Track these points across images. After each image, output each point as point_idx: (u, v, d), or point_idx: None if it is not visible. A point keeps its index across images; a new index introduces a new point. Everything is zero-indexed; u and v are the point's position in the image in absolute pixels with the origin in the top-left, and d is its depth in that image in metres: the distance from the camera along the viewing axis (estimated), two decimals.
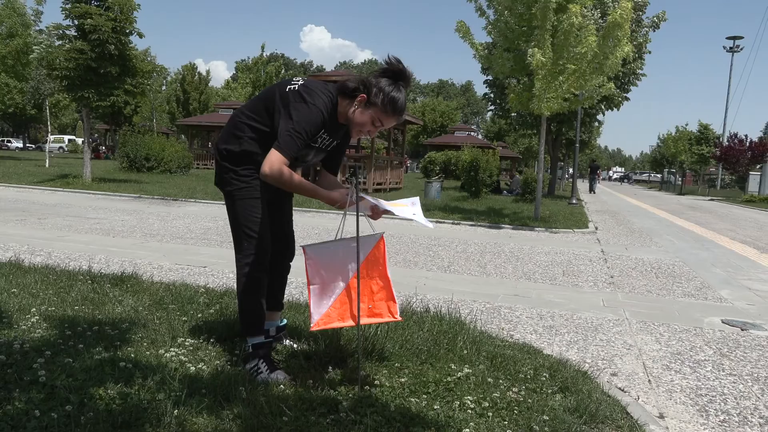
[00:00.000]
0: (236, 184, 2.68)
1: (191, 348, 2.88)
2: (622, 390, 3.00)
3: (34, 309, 3.31)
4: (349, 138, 2.85)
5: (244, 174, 2.66)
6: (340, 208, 2.57)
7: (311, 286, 2.52)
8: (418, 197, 2.84)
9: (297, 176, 2.50)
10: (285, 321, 3.16)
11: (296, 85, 2.60)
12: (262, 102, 2.67)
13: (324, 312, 2.51)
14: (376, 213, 2.72)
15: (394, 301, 2.63)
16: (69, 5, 14.10)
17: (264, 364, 2.66)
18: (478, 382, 2.64)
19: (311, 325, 2.52)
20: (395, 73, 2.57)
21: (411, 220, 2.66)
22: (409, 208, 2.70)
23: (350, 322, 2.55)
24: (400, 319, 2.71)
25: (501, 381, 2.70)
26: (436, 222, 10.97)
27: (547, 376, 2.81)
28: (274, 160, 2.45)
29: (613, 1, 18.99)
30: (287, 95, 2.56)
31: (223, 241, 7.21)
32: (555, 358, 3.18)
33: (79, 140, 50.97)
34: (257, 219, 2.68)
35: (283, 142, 2.47)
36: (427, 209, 12.65)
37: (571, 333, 4.07)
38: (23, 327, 3.01)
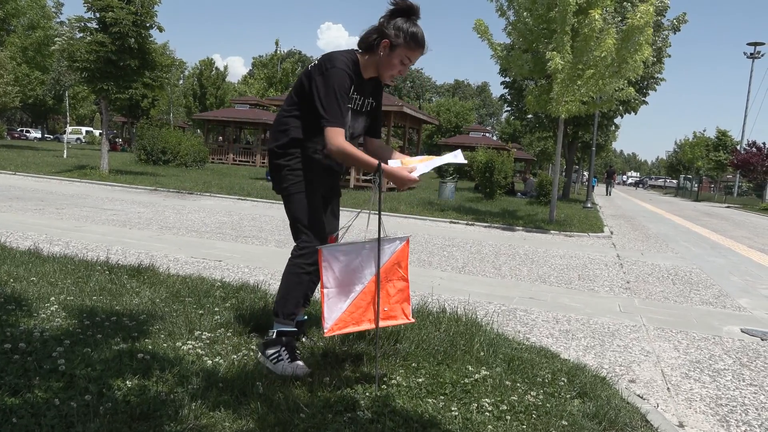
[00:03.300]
0: (291, 179, 2.73)
1: (208, 341, 2.89)
2: (641, 397, 2.96)
3: (53, 298, 3.34)
4: (381, 98, 2.91)
5: (297, 168, 2.72)
6: (401, 186, 2.58)
7: (325, 290, 2.42)
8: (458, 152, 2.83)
9: (354, 152, 2.55)
10: (306, 317, 3.16)
11: (315, 61, 2.70)
12: (293, 91, 2.76)
13: (338, 317, 2.44)
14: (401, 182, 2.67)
15: (408, 302, 2.63)
16: None
17: (286, 352, 2.66)
18: (495, 385, 2.61)
19: (324, 330, 2.43)
20: (405, 10, 2.62)
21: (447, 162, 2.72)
22: (438, 159, 2.77)
23: (365, 326, 2.52)
24: (413, 320, 2.71)
25: (519, 384, 2.67)
26: (450, 222, 10.94)
27: (566, 380, 2.78)
28: (331, 136, 2.51)
29: (633, 5, 18.87)
30: (310, 73, 2.66)
31: (237, 236, 7.23)
32: (573, 362, 3.14)
33: (97, 132, 51.49)
34: (312, 212, 2.74)
35: (328, 115, 2.53)
36: (441, 209, 12.61)
37: (588, 338, 4.03)
38: (42, 315, 3.03)
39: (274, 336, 2.70)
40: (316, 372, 2.61)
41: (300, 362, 2.65)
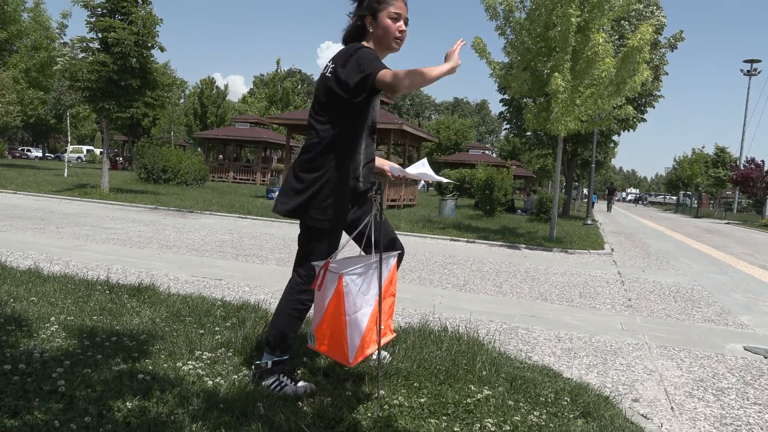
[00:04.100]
0: (318, 219, 2.58)
1: (208, 361, 2.87)
2: (645, 417, 2.94)
3: (53, 318, 3.32)
4: None
5: (327, 205, 2.57)
6: (452, 71, 2.37)
7: (347, 317, 2.27)
8: (425, 160, 2.84)
9: (405, 71, 2.35)
10: None
11: (329, 64, 2.65)
12: (315, 100, 2.69)
13: (359, 344, 2.32)
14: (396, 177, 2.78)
15: (392, 317, 2.63)
16: (94, 19, 14.37)
17: (285, 377, 2.62)
18: (498, 405, 2.59)
19: (350, 361, 2.31)
20: None
21: (425, 175, 2.65)
22: (420, 168, 2.70)
23: (374, 347, 2.47)
24: (394, 334, 2.71)
25: (522, 404, 2.65)
26: (450, 240, 10.93)
27: (569, 400, 2.76)
28: (381, 76, 2.36)
29: (631, 24, 19.06)
30: (335, 68, 2.58)
31: (238, 255, 7.22)
32: (575, 381, 3.12)
33: (98, 151, 51.67)
34: (330, 250, 2.65)
35: (367, 67, 2.41)
36: (442, 227, 12.61)
37: (590, 356, 4.01)
38: (42, 336, 3.01)
39: (269, 366, 2.63)
40: (317, 392, 2.59)
41: (304, 382, 2.63)
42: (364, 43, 2.65)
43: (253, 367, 2.74)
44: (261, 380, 2.62)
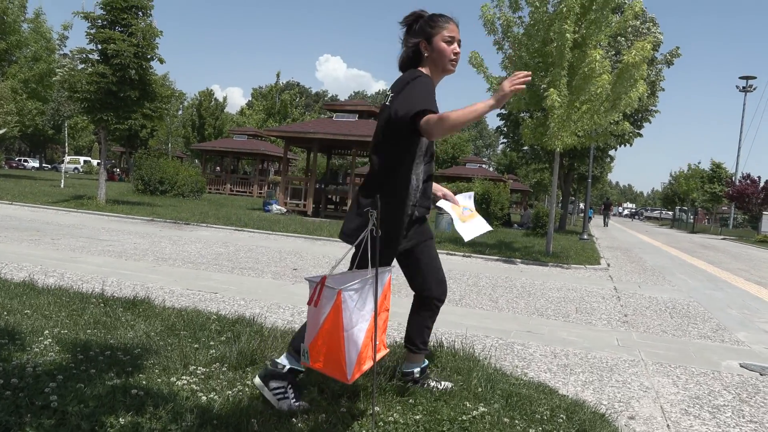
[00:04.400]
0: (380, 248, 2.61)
1: (203, 376, 2.86)
2: None
3: (47, 331, 3.31)
4: None
5: (386, 222, 2.62)
6: (504, 98, 2.45)
7: (345, 333, 2.25)
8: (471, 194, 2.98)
9: (449, 113, 2.36)
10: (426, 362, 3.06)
11: (388, 93, 2.72)
12: (377, 127, 2.73)
13: (357, 359, 2.29)
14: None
15: (385, 332, 2.63)
16: (94, 30, 14.43)
17: (292, 390, 2.60)
18: (493, 422, 2.58)
19: (349, 377, 2.28)
20: (415, 19, 2.76)
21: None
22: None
23: (370, 363, 2.44)
24: (388, 350, 2.72)
25: (517, 421, 2.64)
26: (447, 254, 10.92)
27: (564, 417, 2.75)
28: (426, 122, 2.39)
29: (627, 40, 19.22)
30: (394, 97, 2.63)
31: (234, 267, 7.21)
32: (571, 398, 3.11)
33: (95, 162, 51.66)
34: (431, 261, 2.82)
35: (418, 104, 2.44)
36: (438, 241, 12.61)
37: (586, 372, 4.00)
38: (36, 350, 3.00)
39: (284, 371, 2.61)
40: (312, 409, 2.58)
41: (303, 402, 2.61)
42: (422, 69, 2.70)
43: (270, 364, 2.72)
44: (270, 380, 2.60)
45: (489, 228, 3.00)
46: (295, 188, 20.48)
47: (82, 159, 54.42)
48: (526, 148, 23.53)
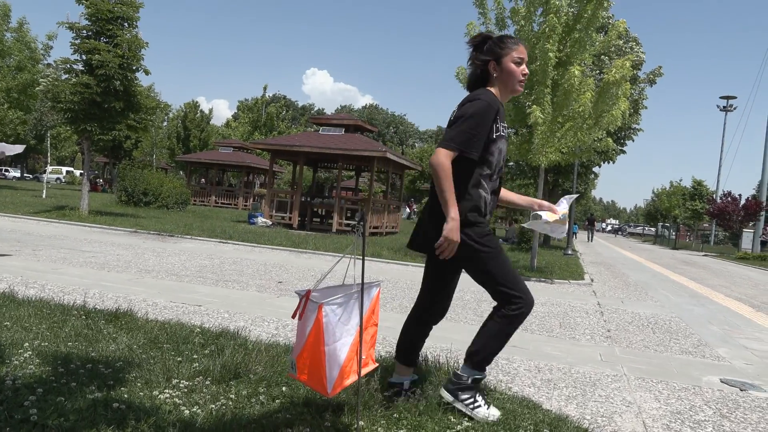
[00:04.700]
0: (485, 250, 2.81)
1: (186, 390, 2.83)
2: None
3: (27, 344, 3.26)
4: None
5: (486, 234, 2.83)
6: (450, 234, 2.65)
7: (326, 348, 2.25)
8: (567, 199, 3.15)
9: (445, 175, 2.64)
10: (416, 376, 3.19)
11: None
12: None
13: (337, 374, 2.30)
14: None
15: (374, 347, 2.64)
16: (79, 41, 14.36)
17: (480, 398, 2.79)
18: None
19: (328, 391, 2.29)
20: (482, 41, 2.87)
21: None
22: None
23: (354, 377, 2.44)
24: (377, 364, 2.72)
25: None
26: None
27: (548, 431, 2.76)
28: (437, 153, 2.66)
29: (611, 59, 19.54)
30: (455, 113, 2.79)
31: (218, 280, 7.16)
32: (555, 413, 3.13)
33: (77, 172, 51.17)
34: (513, 271, 2.88)
35: (447, 137, 2.69)
36: (424, 255, 12.61)
37: (570, 387, 4.02)
38: (15, 362, 2.95)
39: (469, 381, 2.79)
40: (296, 422, 2.56)
41: (494, 409, 2.81)
42: (490, 89, 2.81)
43: (452, 377, 2.88)
44: (459, 392, 2.78)
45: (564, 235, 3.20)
46: (281, 201, 20.44)
47: (64, 169, 53.85)
48: (511, 163, 23.73)
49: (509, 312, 2.81)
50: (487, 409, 2.80)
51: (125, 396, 2.65)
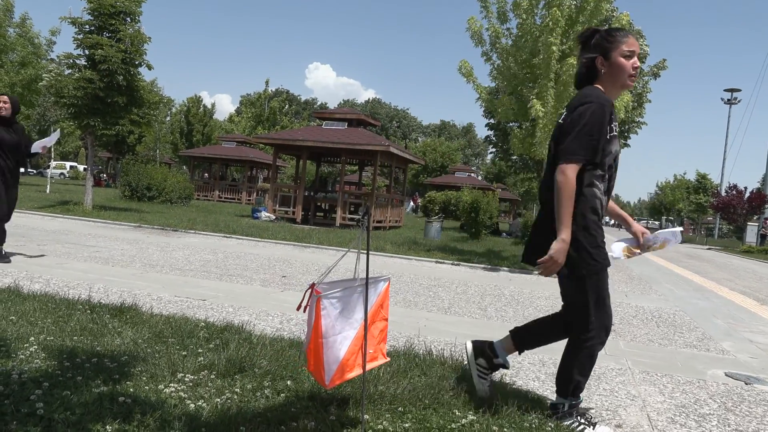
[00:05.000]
0: (591, 264, 2.70)
1: (191, 384, 2.84)
2: None
3: (33, 338, 3.27)
4: None
5: (598, 246, 2.71)
6: (545, 268, 2.70)
7: (323, 340, 2.27)
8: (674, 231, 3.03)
9: (567, 194, 2.56)
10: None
11: (563, 112, 2.75)
12: (551, 142, 2.83)
13: (337, 367, 2.32)
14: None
15: (385, 342, 2.63)
16: (81, 36, 14.36)
17: (583, 419, 2.81)
18: (482, 430, 2.59)
19: (326, 383, 2.31)
20: (590, 35, 2.76)
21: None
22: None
23: (358, 371, 2.45)
24: (388, 359, 2.71)
25: (506, 429, 2.65)
26: (436, 262, 10.95)
27: (553, 426, 2.76)
28: (560, 170, 2.57)
29: None
30: (566, 116, 2.70)
31: (222, 275, 7.17)
32: None
33: (81, 167, 51.27)
34: (606, 299, 2.76)
35: (570, 150, 2.58)
36: (427, 249, 12.63)
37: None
38: (21, 356, 2.96)
39: (566, 409, 2.82)
40: (301, 416, 2.57)
41: (602, 427, 2.84)
42: (598, 86, 2.70)
43: (549, 408, 2.94)
44: (560, 420, 2.81)
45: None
46: (284, 195, 20.45)
47: (68, 164, 53.97)
48: (515, 157, 23.70)
49: (581, 343, 2.80)
50: (593, 429, 2.79)
51: (131, 390, 2.66)
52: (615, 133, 2.66)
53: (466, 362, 2.84)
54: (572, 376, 2.81)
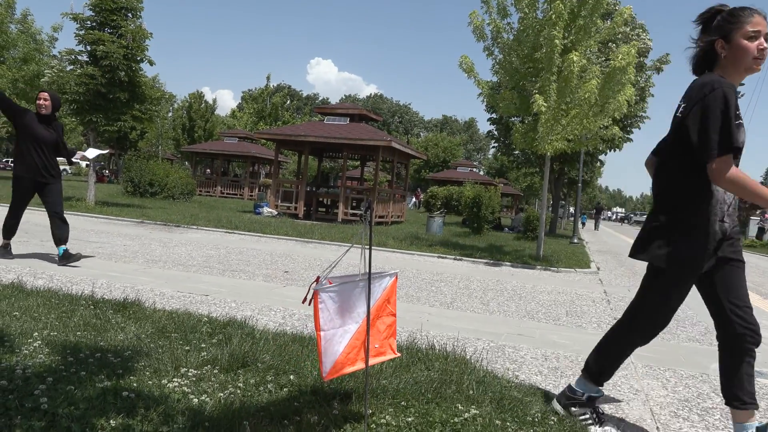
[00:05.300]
0: (677, 268, 2.61)
1: (194, 379, 2.84)
2: None
3: (36, 333, 3.28)
4: None
5: (688, 244, 2.56)
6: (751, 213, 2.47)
7: (321, 333, 2.29)
8: None
9: (745, 181, 2.34)
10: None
11: (681, 103, 2.52)
12: (669, 135, 2.63)
13: (336, 359, 2.33)
14: None
15: (395, 337, 2.62)
16: (83, 32, 14.35)
17: (595, 415, 2.81)
18: (485, 424, 2.59)
19: (323, 375, 2.33)
20: (711, 16, 2.55)
21: None
22: None
23: (359, 365, 2.45)
24: (398, 354, 2.70)
25: (509, 423, 2.65)
26: (438, 257, 10.94)
27: (555, 420, 2.77)
28: (717, 169, 2.33)
29: (618, 47, 19.38)
30: (685, 107, 2.49)
31: (225, 270, 7.18)
32: None
33: (83, 163, 51.31)
34: (675, 303, 2.73)
35: (711, 146, 2.34)
36: (429, 244, 12.63)
37: (577, 375, 4.00)
38: (25, 352, 2.97)
39: (584, 398, 2.81)
40: (304, 411, 2.57)
41: (608, 427, 2.80)
42: (717, 73, 2.48)
43: (567, 391, 2.93)
44: (571, 406, 2.82)
45: None
46: (287, 191, 20.45)
47: None
48: (517, 152, 23.67)
49: (626, 325, 2.84)
50: (600, 427, 2.79)
51: (134, 385, 2.67)
52: (741, 121, 2.43)
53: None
54: (607, 353, 2.89)
